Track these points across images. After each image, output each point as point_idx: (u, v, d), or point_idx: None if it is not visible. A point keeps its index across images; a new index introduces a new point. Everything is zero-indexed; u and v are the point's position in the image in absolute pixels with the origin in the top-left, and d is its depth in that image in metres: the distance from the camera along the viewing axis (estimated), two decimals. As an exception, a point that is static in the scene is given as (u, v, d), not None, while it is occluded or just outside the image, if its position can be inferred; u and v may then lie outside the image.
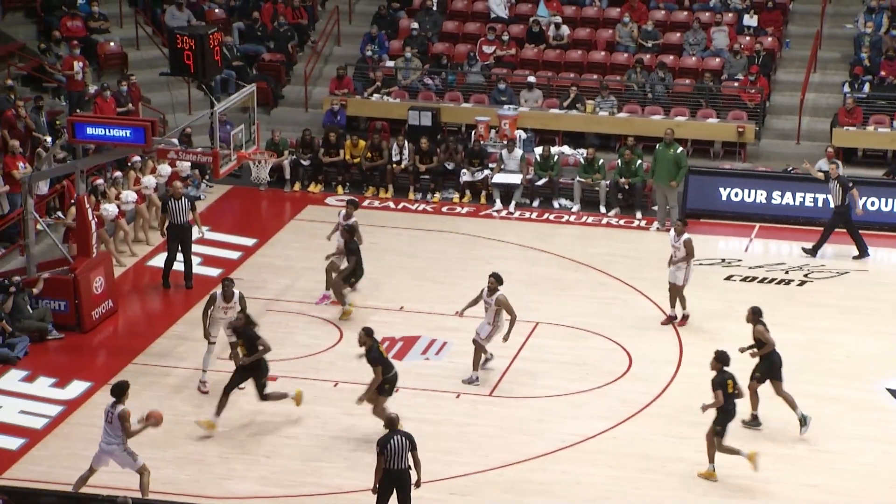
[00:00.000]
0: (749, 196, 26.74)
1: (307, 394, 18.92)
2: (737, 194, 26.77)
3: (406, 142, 28.24)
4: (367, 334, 17.88)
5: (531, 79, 29.82)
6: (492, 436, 18.40)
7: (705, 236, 24.84)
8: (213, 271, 23.47)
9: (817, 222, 25.24)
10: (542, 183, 27.46)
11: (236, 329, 18.56)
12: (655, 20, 31.56)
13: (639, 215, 26.82)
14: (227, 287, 19.47)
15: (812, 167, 25.35)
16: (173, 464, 17.36)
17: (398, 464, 15.52)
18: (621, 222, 26.66)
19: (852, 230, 24.77)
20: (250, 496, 16.98)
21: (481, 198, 27.66)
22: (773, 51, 30.64)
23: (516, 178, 27.41)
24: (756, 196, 26.70)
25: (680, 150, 26.38)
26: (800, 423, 18.34)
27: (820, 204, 25.69)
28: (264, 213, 27.42)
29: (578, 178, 27.27)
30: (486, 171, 27.66)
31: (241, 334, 18.35)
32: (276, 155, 26.17)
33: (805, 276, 23.97)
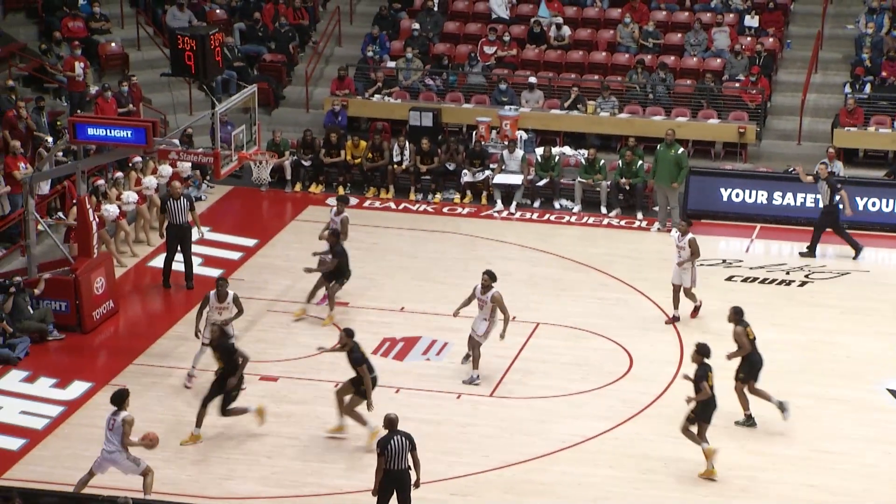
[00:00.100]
0: (750, 197, 26.74)
1: (307, 394, 18.92)
2: (738, 195, 26.77)
3: (407, 142, 28.24)
4: (349, 335, 17.81)
5: (532, 79, 29.81)
6: (492, 436, 18.40)
7: (706, 237, 24.75)
8: (214, 272, 23.40)
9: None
10: (543, 183, 27.45)
11: (212, 342, 18.16)
12: (656, 21, 31.55)
13: (640, 216, 26.81)
14: (221, 287, 19.41)
15: (802, 172, 25.31)
16: (174, 464, 17.35)
17: (398, 464, 15.52)
18: (622, 223, 26.65)
19: (840, 231, 24.77)
20: (251, 496, 16.98)
21: (482, 198, 27.65)
22: (774, 51, 30.62)
23: (517, 179, 27.41)
24: (757, 197, 26.70)
25: (681, 150, 26.36)
26: (780, 410, 18.37)
27: (821, 204, 25.61)
28: (265, 213, 27.43)
29: (579, 179, 27.27)
30: (487, 172, 27.65)
31: (217, 347, 17.98)
32: (277, 155, 26.19)
33: (806, 276, 23.96)
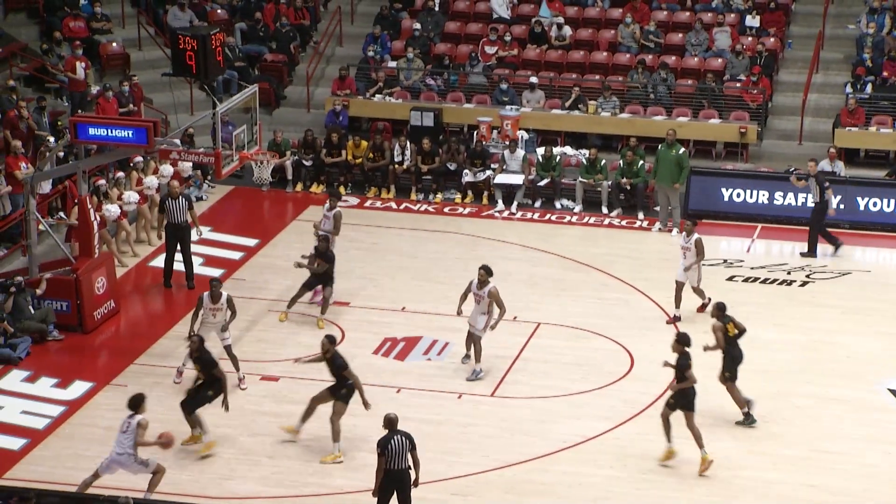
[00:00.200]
0: (751, 197, 26.74)
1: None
2: (739, 195, 26.77)
3: (408, 142, 28.24)
4: (331, 342, 17.73)
5: (533, 79, 29.81)
6: (493, 436, 18.41)
7: (707, 237, 24.62)
8: (215, 272, 23.42)
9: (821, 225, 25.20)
10: (544, 183, 27.45)
11: (191, 353, 17.99)
12: (658, 21, 31.55)
13: (641, 216, 26.80)
14: (215, 288, 19.39)
15: (794, 178, 25.31)
16: (174, 464, 17.32)
17: (398, 464, 15.53)
18: (623, 223, 26.65)
19: (822, 227, 24.83)
20: (252, 496, 16.99)
21: (483, 198, 27.65)
22: (775, 51, 30.62)
23: (518, 179, 27.41)
24: (758, 197, 26.70)
25: (682, 150, 26.36)
26: (745, 415, 18.69)
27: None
28: (266, 213, 27.43)
29: (580, 179, 27.27)
30: (488, 172, 27.65)
31: (198, 359, 17.83)
32: (278, 155, 26.20)
33: (807, 276, 23.95)
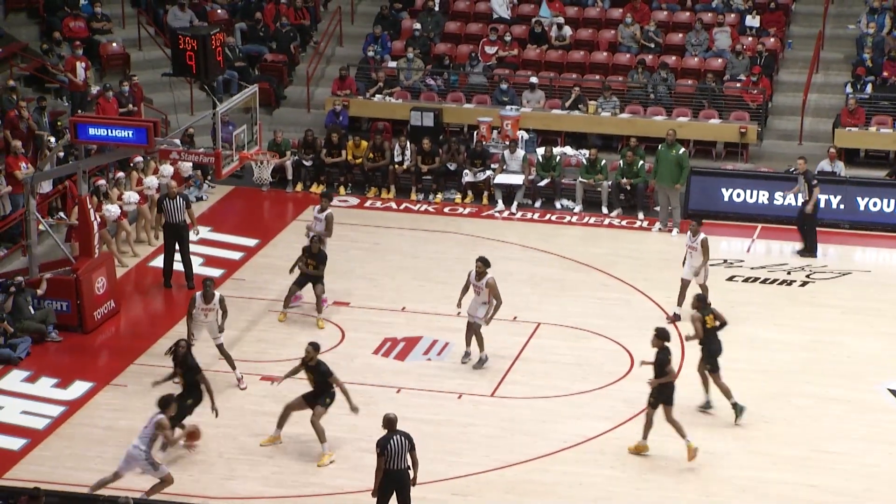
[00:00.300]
0: (751, 197, 26.73)
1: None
2: (739, 195, 26.77)
3: (408, 142, 28.23)
4: (315, 349, 17.72)
5: (533, 79, 29.80)
6: (493, 436, 18.40)
7: (707, 237, 24.73)
8: (215, 272, 23.44)
9: (819, 223, 25.17)
10: (545, 183, 27.44)
11: (175, 358, 17.91)
12: (658, 21, 31.55)
13: (641, 216, 26.79)
14: (208, 288, 19.36)
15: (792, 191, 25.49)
16: (175, 464, 17.31)
17: (398, 464, 15.53)
18: (623, 223, 26.65)
19: (801, 225, 24.86)
20: (252, 496, 16.99)
21: (483, 198, 27.64)
22: (775, 51, 30.61)
23: (518, 179, 27.40)
24: (758, 197, 26.70)
25: (682, 150, 26.36)
26: (705, 406, 18.79)
27: (822, 205, 25.60)
28: (266, 213, 27.42)
29: (580, 179, 27.26)
30: (489, 172, 27.65)
31: (181, 364, 17.80)
32: (278, 155, 26.18)
33: (807, 276, 23.95)
